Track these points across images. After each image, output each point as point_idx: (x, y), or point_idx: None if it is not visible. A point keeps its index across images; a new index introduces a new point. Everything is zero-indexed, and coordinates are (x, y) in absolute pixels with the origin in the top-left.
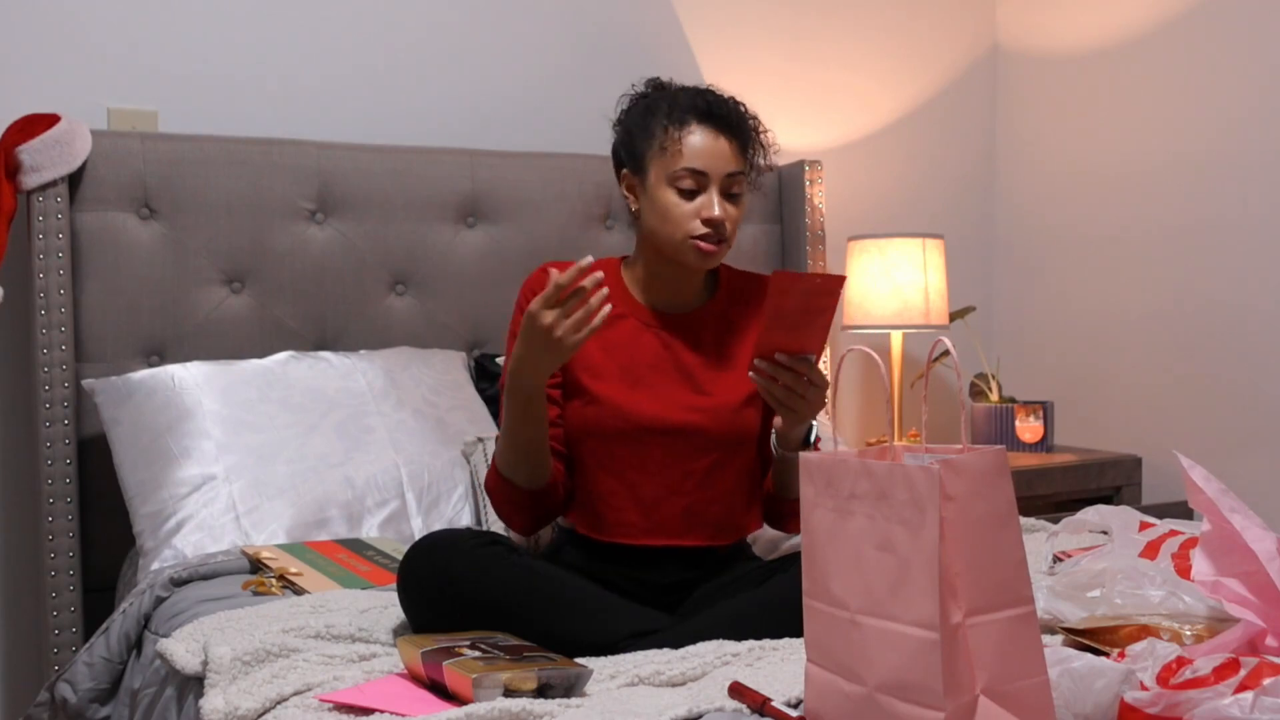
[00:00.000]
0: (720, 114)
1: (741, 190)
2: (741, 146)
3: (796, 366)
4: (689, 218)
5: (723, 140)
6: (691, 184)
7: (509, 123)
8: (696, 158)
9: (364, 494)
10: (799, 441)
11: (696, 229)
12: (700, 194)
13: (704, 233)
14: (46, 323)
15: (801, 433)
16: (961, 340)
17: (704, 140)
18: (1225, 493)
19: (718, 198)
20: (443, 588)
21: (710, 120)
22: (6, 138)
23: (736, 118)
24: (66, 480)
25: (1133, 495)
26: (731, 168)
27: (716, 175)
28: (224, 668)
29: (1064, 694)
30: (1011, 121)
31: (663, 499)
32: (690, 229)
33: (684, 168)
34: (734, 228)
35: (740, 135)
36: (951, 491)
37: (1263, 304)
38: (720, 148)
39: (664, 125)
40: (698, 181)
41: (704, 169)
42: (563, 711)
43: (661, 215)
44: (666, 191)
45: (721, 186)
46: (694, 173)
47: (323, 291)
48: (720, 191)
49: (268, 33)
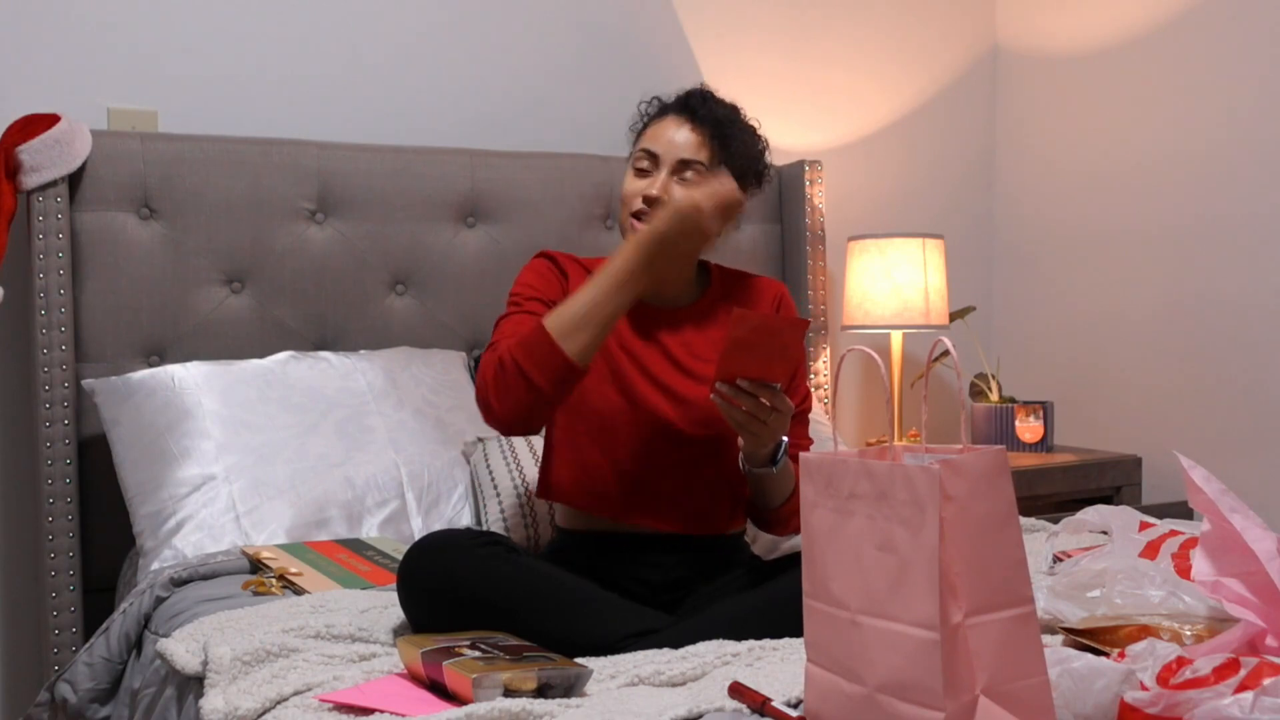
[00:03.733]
0: (690, 105)
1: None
2: (708, 137)
3: (758, 392)
4: (634, 196)
5: (686, 129)
6: (646, 164)
7: (509, 123)
8: (653, 140)
9: (364, 494)
10: (767, 459)
11: (635, 205)
12: (650, 175)
13: (639, 209)
14: (46, 323)
15: (768, 451)
16: (961, 340)
17: (666, 126)
18: (1225, 493)
19: (664, 178)
20: (443, 588)
21: (680, 109)
22: (6, 138)
23: (707, 110)
24: (66, 480)
25: (1133, 495)
26: (687, 154)
27: (669, 159)
28: (224, 668)
29: (1064, 694)
30: (1011, 121)
31: (643, 480)
32: (632, 206)
33: (642, 149)
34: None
35: (709, 126)
36: (951, 491)
37: (1263, 303)
38: (680, 135)
39: (643, 113)
40: (652, 162)
41: (658, 150)
42: (563, 711)
43: (621, 197)
44: (628, 172)
45: (673, 171)
46: (648, 154)
47: (323, 291)
48: (671, 175)
49: (268, 33)
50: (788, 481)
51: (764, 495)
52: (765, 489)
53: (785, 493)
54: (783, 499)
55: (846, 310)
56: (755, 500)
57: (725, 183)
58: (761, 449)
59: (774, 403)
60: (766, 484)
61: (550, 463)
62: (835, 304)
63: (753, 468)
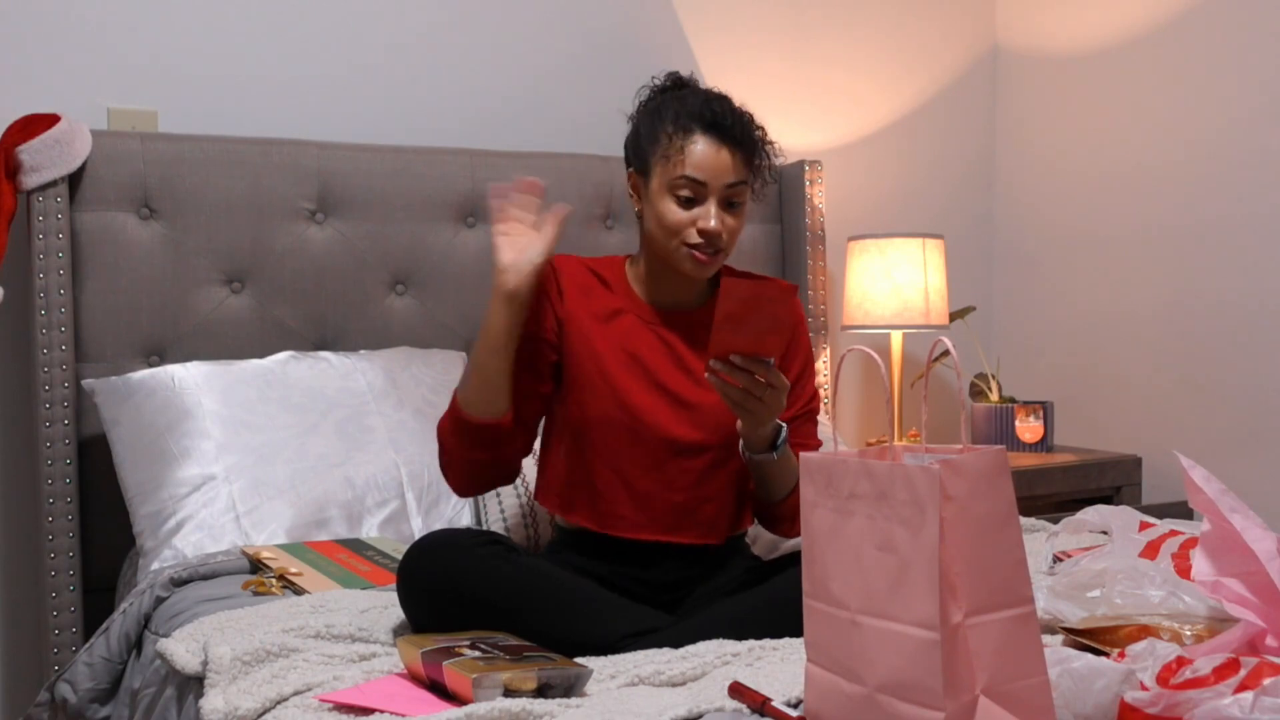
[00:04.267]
0: (725, 125)
1: (743, 200)
2: (745, 157)
3: (752, 368)
4: (685, 226)
5: (725, 151)
6: (690, 193)
7: (509, 123)
8: (697, 168)
9: (364, 494)
10: (767, 443)
11: (692, 238)
12: (699, 203)
13: (698, 243)
14: (46, 323)
15: (768, 434)
16: (961, 340)
17: (706, 150)
18: (1225, 493)
19: (715, 209)
20: (443, 587)
21: (714, 130)
22: (6, 138)
23: (742, 129)
24: (66, 480)
25: (1133, 495)
26: (732, 179)
27: (716, 186)
28: (224, 668)
29: (1064, 694)
30: (1011, 121)
31: (656, 494)
32: (686, 237)
33: (684, 176)
34: (732, 238)
35: (744, 146)
36: (951, 491)
37: (1263, 304)
38: (722, 159)
39: (669, 131)
40: (696, 191)
41: (704, 179)
42: (563, 711)
43: (660, 221)
44: (666, 198)
45: (721, 197)
46: (693, 182)
47: (323, 291)
48: (719, 202)
49: (268, 33)
50: (790, 471)
51: (766, 486)
52: (767, 478)
53: (788, 484)
54: (786, 490)
55: (846, 310)
56: (759, 493)
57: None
58: (759, 429)
59: (769, 378)
60: (768, 472)
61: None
62: (835, 304)
63: (753, 454)
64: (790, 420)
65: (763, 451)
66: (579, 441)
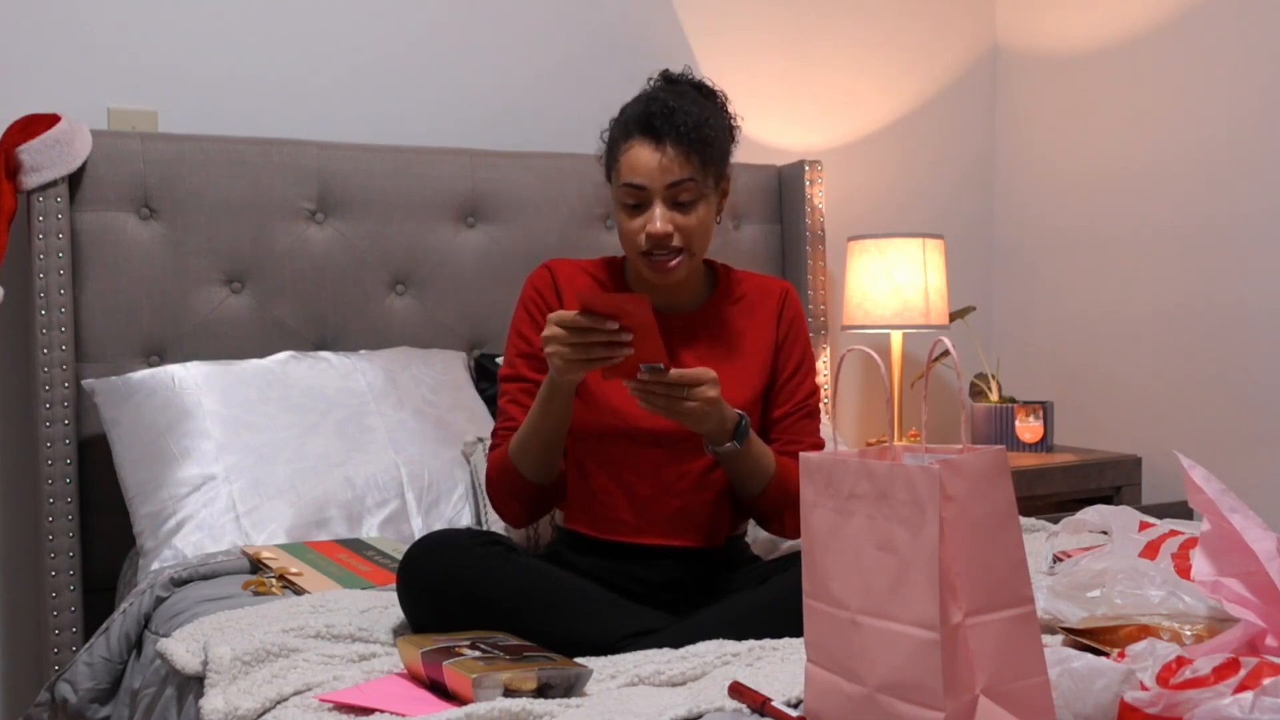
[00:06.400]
0: (656, 124)
1: (694, 196)
2: (686, 153)
3: (652, 377)
4: (636, 234)
5: (662, 150)
6: (634, 200)
7: (509, 123)
8: (634, 172)
9: (364, 494)
10: (726, 437)
11: (642, 244)
12: (645, 208)
13: (648, 249)
14: (46, 323)
15: (717, 428)
16: (961, 340)
17: (641, 153)
18: (1225, 493)
19: (661, 209)
20: (443, 587)
21: (648, 131)
22: (6, 138)
23: (675, 123)
24: (66, 480)
25: (1133, 495)
26: (672, 178)
27: (657, 188)
28: (224, 668)
29: (1064, 694)
30: (1011, 121)
31: (655, 499)
32: (639, 245)
33: (625, 184)
34: (693, 237)
35: (684, 142)
36: (951, 491)
37: (1263, 304)
38: (657, 159)
39: (615, 140)
40: (639, 197)
41: (643, 183)
42: (563, 711)
43: (619, 234)
44: (618, 209)
45: (665, 198)
46: (635, 188)
47: (323, 291)
48: (666, 202)
49: (268, 33)
50: (760, 463)
51: (740, 481)
52: (738, 473)
53: (761, 476)
54: (761, 483)
55: (846, 310)
56: (737, 490)
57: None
58: (702, 427)
59: (682, 380)
60: (737, 465)
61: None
62: (835, 304)
63: (714, 447)
64: (786, 417)
65: (724, 443)
66: (577, 448)
